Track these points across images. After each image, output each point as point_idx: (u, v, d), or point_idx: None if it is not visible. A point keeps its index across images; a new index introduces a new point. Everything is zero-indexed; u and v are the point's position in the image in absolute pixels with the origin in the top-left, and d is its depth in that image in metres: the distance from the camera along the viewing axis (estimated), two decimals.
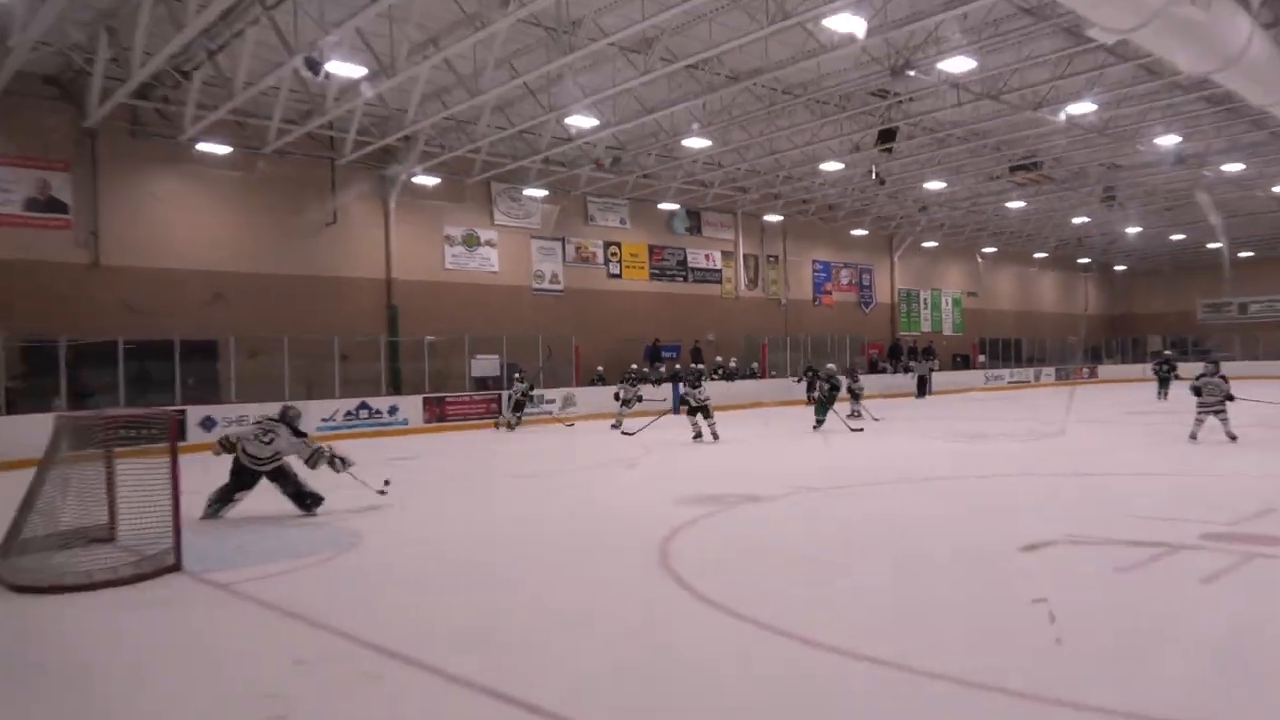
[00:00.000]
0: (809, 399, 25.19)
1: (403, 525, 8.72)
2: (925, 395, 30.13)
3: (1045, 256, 43.42)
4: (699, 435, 15.97)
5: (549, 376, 23.32)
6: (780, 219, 31.15)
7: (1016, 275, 43.49)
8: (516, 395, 20.58)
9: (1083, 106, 19.48)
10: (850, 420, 18.53)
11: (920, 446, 15.09)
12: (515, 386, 20.72)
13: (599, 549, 7.47)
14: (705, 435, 15.94)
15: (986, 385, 35.52)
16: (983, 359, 37.83)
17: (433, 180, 22.45)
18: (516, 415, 20.54)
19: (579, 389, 23.39)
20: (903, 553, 7.06)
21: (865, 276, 35.73)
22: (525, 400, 20.67)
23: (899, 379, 31.31)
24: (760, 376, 28.35)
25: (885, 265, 36.71)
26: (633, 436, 16.59)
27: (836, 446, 15.05)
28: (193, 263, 19.18)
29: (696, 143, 21.62)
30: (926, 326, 38.16)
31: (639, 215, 27.90)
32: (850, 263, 35.09)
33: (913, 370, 31.29)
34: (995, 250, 40.57)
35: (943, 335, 38.43)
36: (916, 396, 29.87)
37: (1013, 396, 30.85)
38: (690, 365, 26.24)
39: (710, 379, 26.99)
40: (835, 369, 19.30)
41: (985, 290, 41.38)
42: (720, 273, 30.34)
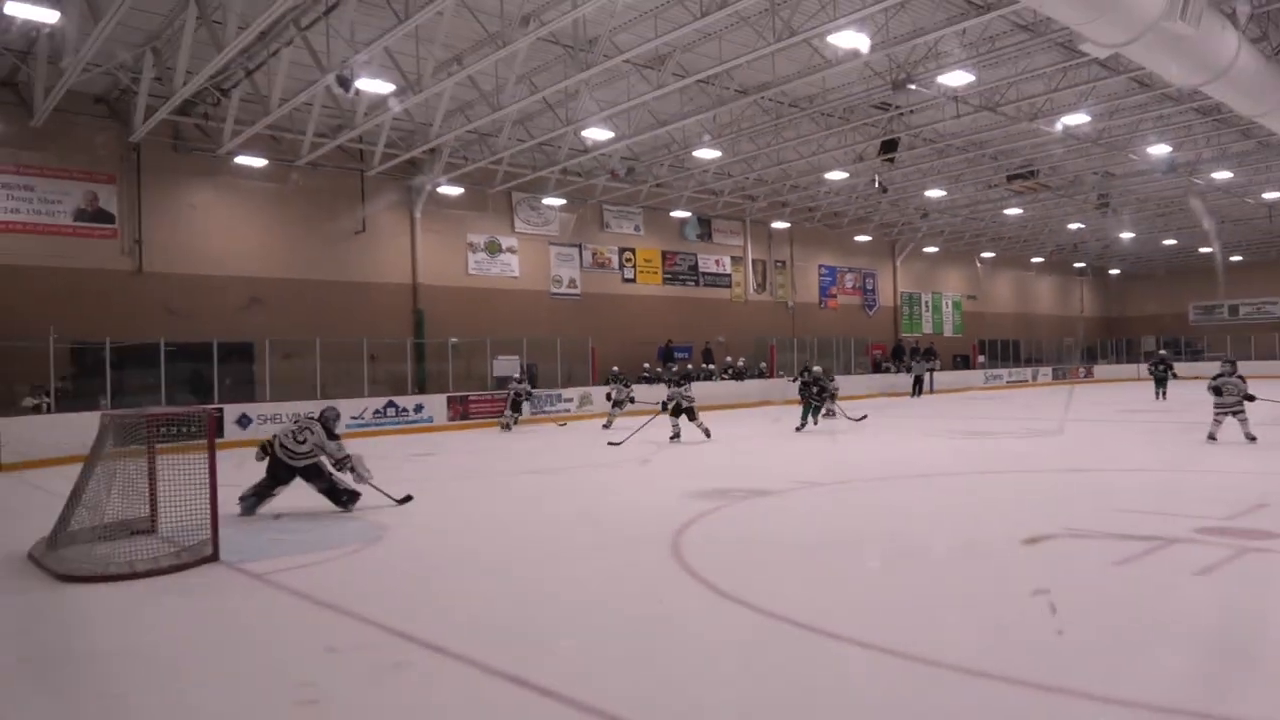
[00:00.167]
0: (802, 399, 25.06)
1: (426, 519, 8.72)
2: (920, 394, 29.93)
3: (1042, 261, 43.14)
4: (677, 436, 15.24)
5: (566, 377, 23.33)
6: (787, 226, 31.10)
7: (1014, 279, 43.18)
8: (512, 395, 19.94)
9: (1077, 117, 19.35)
10: (824, 418, 17.86)
11: (921, 444, 14.97)
12: (512, 386, 20.16)
13: (613, 542, 7.43)
14: (686, 434, 15.22)
15: (986, 384, 35.30)
16: (982, 359, 37.58)
17: (456, 190, 22.52)
18: (514, 415, 19.84)
19: (595, 388, 23.37)
20: (907, 546, 7.00)
21: (869, 280, 35.56)
22: (523, 400, 20.05)
23: (902, 379, 31.13)
24: (769, 376, 28.25)
25: (888, 269, 36.53)
26: (619, 446, 14.76)
27: (841, 444, 14.97)
28: (230, 269, 19.30)
29: (707, 153, 21.59)
30: (928, 328, 37.94)
31: (652, 222, 27.87)
32: (854, 267, 34.93)
33: (912, 370, 31.10)
34: (994, 255, 40.32)
35: (943, 337, 38.18)
36: (911, 395, 29.68)
37: (1010, 395, 30.62)
38: (679, 367, 25.71)
39: (720, 378, 27.01)
40: (821, 370, 18.43)
41: (984, 293, 41.12)
42: (730, 277, 30.26)
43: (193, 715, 3.92)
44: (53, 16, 11.85)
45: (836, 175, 24.31)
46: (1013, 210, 31.26)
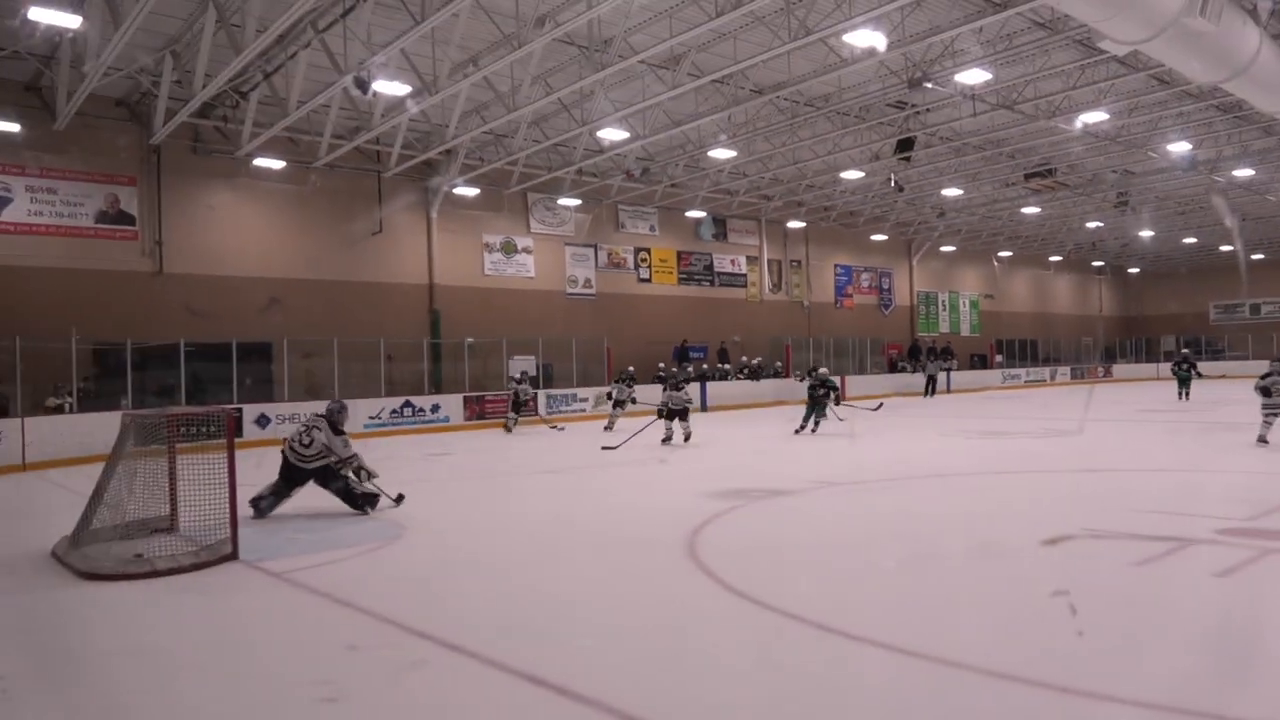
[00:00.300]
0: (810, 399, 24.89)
1: (444, 518, 8.75)
2: (933, 394, 29.76)
3: (1060, 260, 42.77)
4: (669, 439, 14.89)
5: (581, 377, 23.34)
6: (803, 225, 31.00)
7: (1032, 278, 42.85)
8: (513, 395, 19.53)
9: (1096, 115, 19.17)
10: (823, 420, 17.38)
11: (938, 444, 14.89)
12: (512, 386, 19.77)
13: (630, 541, 7.42)
14: (677, 437, 14.89)
15: (1004, 384, 35.10)
16: (1000, 359, 37.34)
17: (472, 191, 22.60)
18: (514, 416, 19.34)
19: (610, 388, 23.31)
20: (925, 545, 6.96)
21: (885, 280, 35.39)
22: (525, 401, 19.68)
23: (918, 379, 30.97)
24: (785, 376, 28.17)
25: (904, 269, 36.34)
26: (615, 450, 14.14)
27: (857, 444, 14.90)
28: (249, 270, 19.45)
29: (722, 153, 21.55)
30: (945, 328, 37.71)
31: (667, 222, 27.85)
32: (870, 266, 34.78)
33: (925, 370, 30.93)
34: (1011, 254, 40.01)
35: (961, 336, 37.95)
36: (924, 395, 29.52)
37: (1028, 395, 30.41)
38: (673, 368, 25.51)
39: (736, 378, 26.96)
40: (827, 371, 17.89)
41: (1002, 292, 40.81)
42: (745, 277, 30.20)
43: (213, 713, 3.95)
44: (75, 21, 11.98)
45: (852, 174, 24.21)
46: (1030, 209, 31.01)
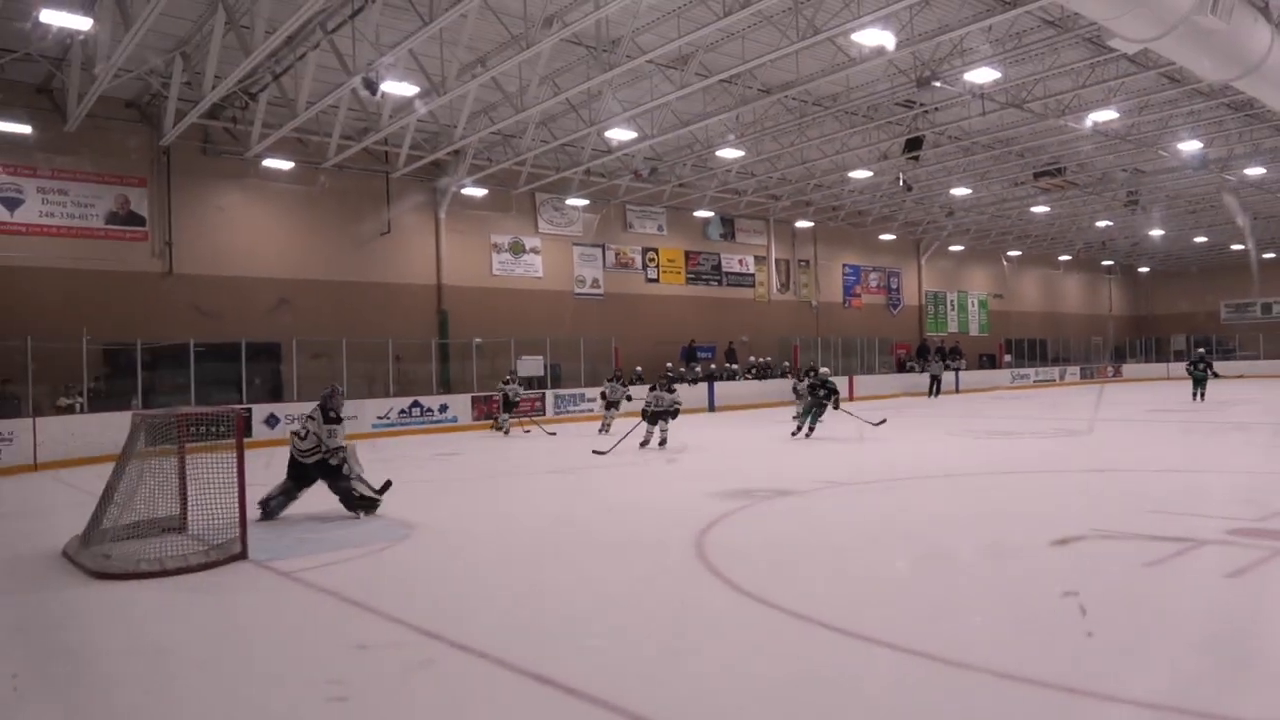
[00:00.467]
0: (812, 400, 24.78)
1: (451, 518, 8.76)
2: (937, 394, 29.69)
3: (1070, 259, 42.59)
4: (646, 442, 14.43)
5: (589, 377, 23.34)
6: (811, 225, 30.92)
7: (1041, 277, 42.67)
8: (503, 395, 19.00)
9: (1106, 114, 19.07)
10: (795, 419, 17.02)
11: (947, 444, 14.84)
12: (502, 387, 19.20)
13: (636, 541, 7.42)
14: (654, 441, 14.47)
15: (1013, 384, 34.99)
16: (1009, 359, 37.20)
17: (480, 191, 22.63)
18: (506, 417, 18.90)
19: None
20: (934, 546, 6.93)
21: (893, 279, 35.30)
22: (516, 402, 19.23)
23: (926, 379, 30.87)
24: (790, 376, 28.09)
25: (913, 268, 36.24)
26: (605, 454, 13.58)
27: (865, 444, 14.84)
28: (258, 270, 19.52)
29: (730, 153, 21.54)
30: (953, 327, 37.59)
31: (675, 222, 27.84)
32: (879, 266, 34.69)
33: (930, 370, 30.84)
34: (1020, 253, 39.86)
35: (969, 336, 37.82)
36: (928, 395, 29.46)
37: (1037, 395, 30.29)
38: (681, 368, 25.52)
39: (744, 378, 26.92)
40: (829, 371, 17.26)
41: (1011, 292, 40.65)
42: (753, 276, 30.16)
43: (223, 712, 3.96)
44: (86, 24, 12.07)
45: (860, 174, 24.16)
46: (1040, 208, 30.89)
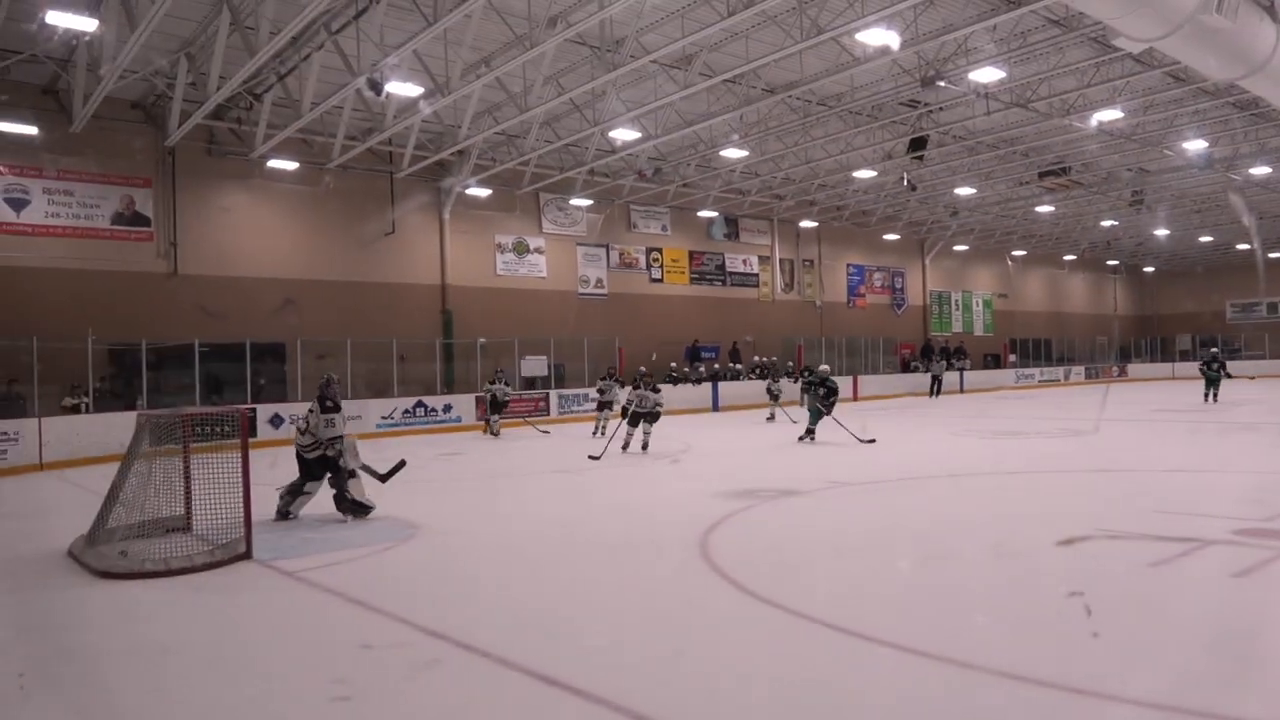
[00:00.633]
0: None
1: (456, 518, 8.76)
2: (938, 394, 29.64)
3: (1075, 259, 42.48)
4: (627, 445, 13.86)
5: (593, 376, 23.30)
6: (815, 224, 30.91)
7: (1046, 277, 42.58)
8: (490, 396, 18.09)
9: (1111, 113, 19.02)
10: (768, 422, 16.59)
11: (951, 444, 14.82)
12: (488, 387, 18.26)
13: (642, 541, 7.43)
14: (635, 444, 13.91)
15: (1017, 384, 34.92)
16: (1013, 359, 37.13)
17: (485, 192, 22.65)
18: (496, 418, 18.06)
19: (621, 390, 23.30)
20: (940, 546, 6.92)
21: (898, 279, 35.25)
22: (504, 402, 18.37)
23: (930, 379, 30.86)
24: (794, 376, 28.05)
25: (917, 268, 36.19)
26: (598, 460, 13.08)
27: (868, 444, 14.81)
28: (263, 271, 19.55)
29: (734, 153, 21.52)
30: (958, 327, 37.52)
31: (679, 222, 27.84)
32: (883, 266, 34.65)
33: (931, 370, 30.81)
34: (1025, 253, 39.77)
35: (974, 336, 37.75)
36: (930, 395, 29.42)
37: (1042, 395, 30.23)
38: (685, 368, 25.39)
39: (748, 378, 26.88)
40: (829, 370, 16.11)
41: (1015, 292, 40.57)
42: (757, 276, 30.14)
43: (228, 711, 3.97)
44: (91, 25, 12.09)
45: (865, 174, 24.12)
46: (1044, 207, 30.82)
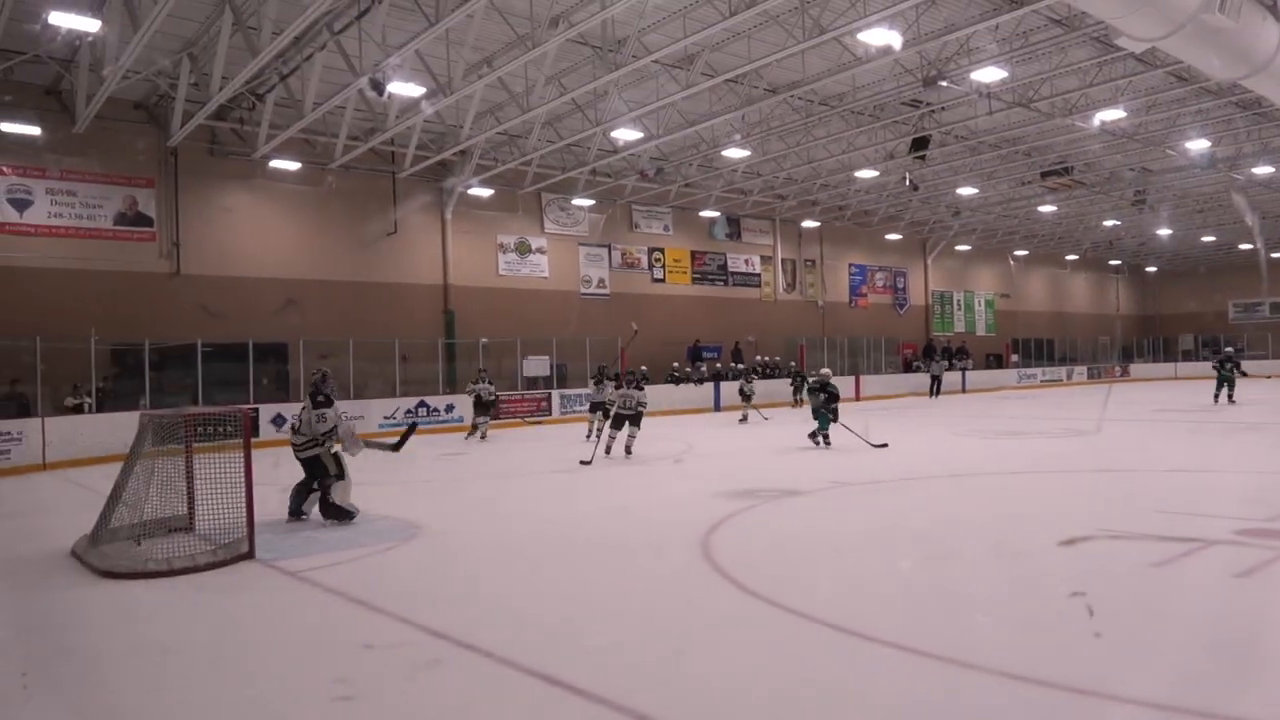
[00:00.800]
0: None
1: (457, 519, 8.76)
2: (937, 394, 29.63)
3: (1077, 259, 42.47)
4: (609, 449, 13.22)
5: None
6: (817, 224, 30.92)
7: (1049, 277, 42.56)
8: (475, 397, 16.93)
9: (1113, 113, 19.00)
10: (741, 423, 16.02)
11: (953, 444, 14.80)
12: (472, 387, 17.14)
13: (643, 541, 7.42)
14: (618, 448, 13.28)
15: (1019, 384, 34.90)
16: (1015, 359, 37.11)
17: (487, 192, 22.67)
18: (485, 419, 16.98)
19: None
20: (941, 546, 6.90)
21: (900, 279, 35.25)
22: (489, 402, 17.09)
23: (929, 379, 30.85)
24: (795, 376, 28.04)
25: (919, 268, 36.17)
26: (590, 465, 12.50)
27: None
28: (266, 271, 19.58)
29: (736, 153, 21.52)
30: (960, 327, 37.51)
31: (681, 222, 27.84)
32: (885, 266, 34.64)
33: (931, 370, 30.78)
34: (1027, 253, 39.76)
35: (976, 335, 37.74)
36: (929, 395, 29.42)
37: (1044, 395, 30.19)
38: (687, 368, 25.40)
39: (750, 377, 26.82)
40: (830, 373, 14.90)
41: (1018, 291, 40.55)
42: (760, 276, 30.14)
43: (228, 711, 3.97)
44: (94, 25, 12.11)
45: (867, 173, 24.12)
46: (1047, 207, 30.80)
